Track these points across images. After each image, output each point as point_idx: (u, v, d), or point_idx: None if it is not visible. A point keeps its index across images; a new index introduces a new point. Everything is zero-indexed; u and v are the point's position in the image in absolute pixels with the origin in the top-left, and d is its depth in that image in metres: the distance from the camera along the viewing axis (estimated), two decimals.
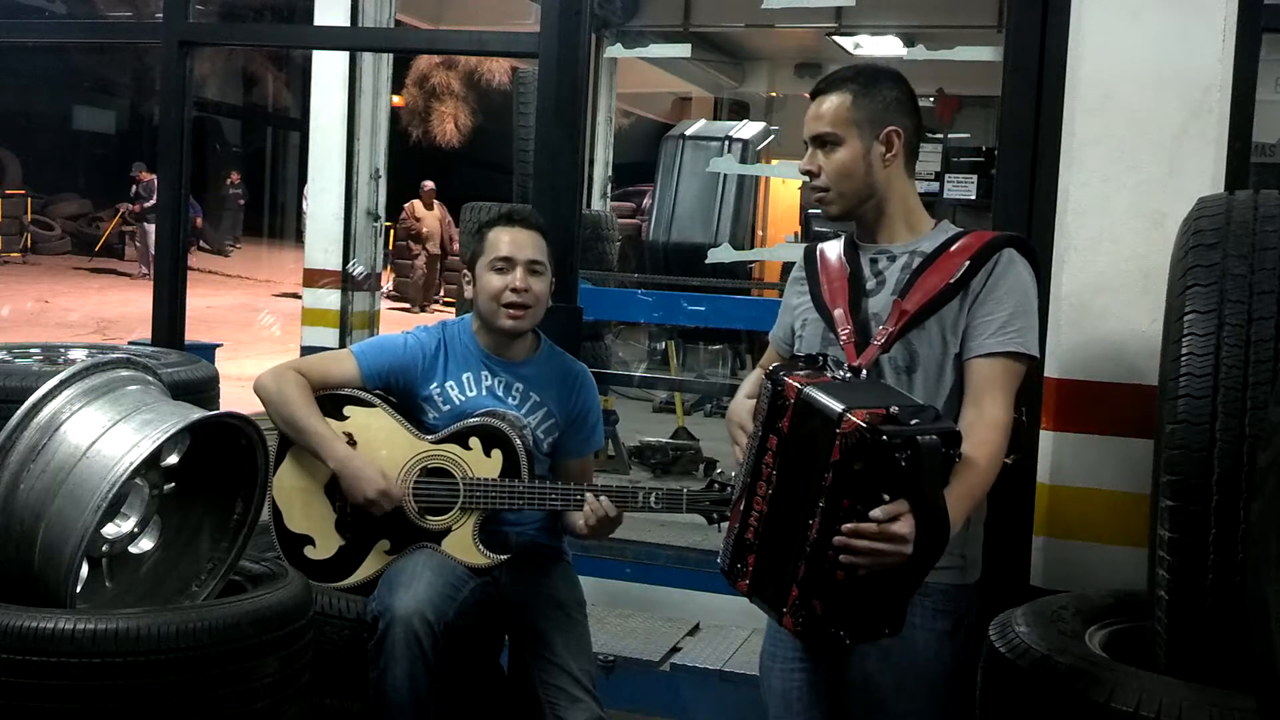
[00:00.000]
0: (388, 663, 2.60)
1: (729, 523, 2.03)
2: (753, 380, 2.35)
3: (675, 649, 3.83)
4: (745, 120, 11.01)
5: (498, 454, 2.78)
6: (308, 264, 6.54)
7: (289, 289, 16.08)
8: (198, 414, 2.44)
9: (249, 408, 2.68)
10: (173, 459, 2.47)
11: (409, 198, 16.95)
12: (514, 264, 2.81)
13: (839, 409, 1.80)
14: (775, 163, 10.70)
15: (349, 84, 6.30)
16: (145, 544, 2.52)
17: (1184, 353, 2.01)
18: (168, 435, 2.33)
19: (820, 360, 2.01)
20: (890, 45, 9.93)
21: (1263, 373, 1.95)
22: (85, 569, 2.34)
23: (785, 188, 12.03)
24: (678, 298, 5.96)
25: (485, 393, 2.88)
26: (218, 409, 3.03)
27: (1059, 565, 2.80)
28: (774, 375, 1.95)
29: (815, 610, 1.85)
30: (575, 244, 3.45)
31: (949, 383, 2.12)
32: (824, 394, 1.85)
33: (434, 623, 2.61)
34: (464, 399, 2.87)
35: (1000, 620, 2.23)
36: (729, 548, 2.00)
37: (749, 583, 1.96)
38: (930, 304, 2.11)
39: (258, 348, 11.37)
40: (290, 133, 24.20)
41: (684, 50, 9.56)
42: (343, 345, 6.12)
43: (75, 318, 14.16)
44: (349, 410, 2.84)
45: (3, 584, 2.33)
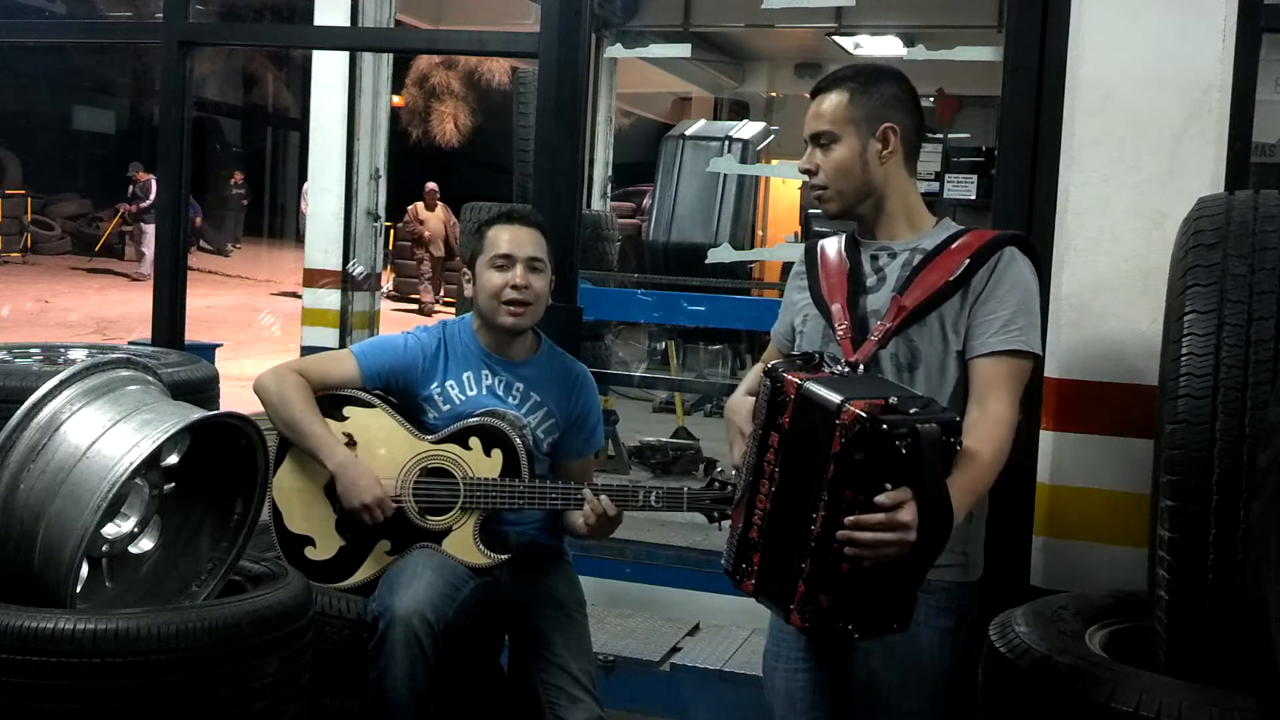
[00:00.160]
0: (388, 663, 2.60)
1: (731, 523, 2.03)
2: (753, 376, 2.35)
3: (675, 649, 3.83)
4: (745, 120, 11.02)
5: (498, 454, 2.78)
6: (308, 264, 6.54)
7: (289, 288, 16.09)
8: (198, 414, 2.44)
9: (249, 408, 2.68)
10: (173, 459, 2.47)
11: (409, 198, 16.93)
12: (514, 261, 2.81)
13: (838, 400, 1.80)
14: (775, 163, 10.71)
15: (349, 84, 6.30)
16: (145, 544, 2.52)
17: (1184, 353, 2.01)
18: (168, 435, 2.33)
19: (817, 357, 2.01)
20: (890, 45, 9.93)
21: (1263, 373, 1.95)
22: (85, 569, 2.34)
23: (785, 188, 12.03)
24: (678, 298, 5.96)
25: (485, 392, 2.88)
26: (218, 409, 3.03)
27: (1059, 565, 2.80)
28: (773, 373, 1.95)
29: (822, 605, 1.85)
30: (575, 244, 3.45)
31: (952, 380, 2.12)
32: (824, 388, 1.86)
33: (434, 623, 2.61)
34: (464, 398, 2.87)
35: (1000, 620, 2.23)
36: (733, 548, 2.00)
37: (754, 582, 1.96)
38: (929, 301, 2.11)
39: (258, 348, 11.37)
40: (290, 133, 24.20)
41: (684, 50, 9.57)
42: (343, 345, 6.13)
43: (75, 318, 14.16)
44: (349, 410, 2.84)
45: (3, 584, 2.33)
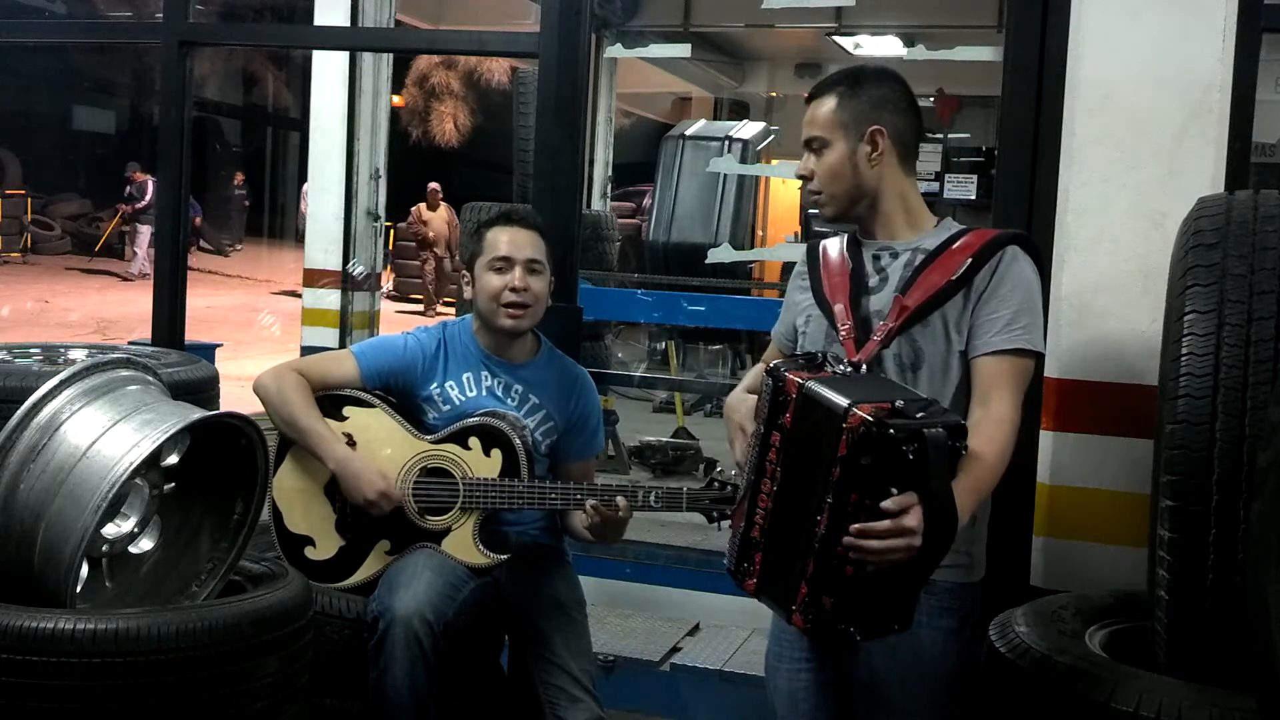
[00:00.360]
0: (388, 663, 2.60)
1: (733, 523, 2.02)
2: (753, 375, 2.35)
3: (675, 649, 3.83)
4: (745, 120, 11.02)
5: (497, 454, 2.78)
6: (308, 264, 6.54)
7: (289, 287, 16.09)
8: (198, 414, 2.44)
9: (249, 408, 2.68)
10: (173, 459, 2.47)
11: (409, 198, 16.92)
12: (513, 263, 2.81)
13: (844, 404, 1.79)
14: (775, 163, 10.71)
15: (349, 84, 6.31)
16: (145, 544, 2.52)
17: (1184, 353, 2.01)
18: (168, 435, 2.33)
19: (820, 357, 2.01)
20: (890, 45, 9.93)
21: (1263, 373, 1.95)
22: (85, 569, 2.34)
23: (785, 188, 12.04)
24: (678, 298, 5.96)
25: (485, 393, 2.88)
26: (218, 409, 3.03)
27: (1059, 565, 2.80)
28: (774, 372, 1.95)
29: (825, 607, 1.85)
30: (575, 244, 3.45)
31: (955, 380, 2.12)
32: (827, 389, 1.85)
33: (434, 623, 2.61)
34: (464, 399, 2.87)
35: (1000, 620, 2.23)
36: (735, 548, 2.00)
37: (756, 582, 1.95)
38: (931, 300, 2.11)
39: (258, 348, 11.37)
40: (290, 133, 24.20)
41: (684, 50, 9.56)
42: (343, 345, 6.13)
43: (75, 318, 14.16)
44: (348, 410, 2.84)
45: (3, 584, 2.33)
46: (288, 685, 2.40)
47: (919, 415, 1.78)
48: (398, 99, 18.01)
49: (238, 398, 3.41)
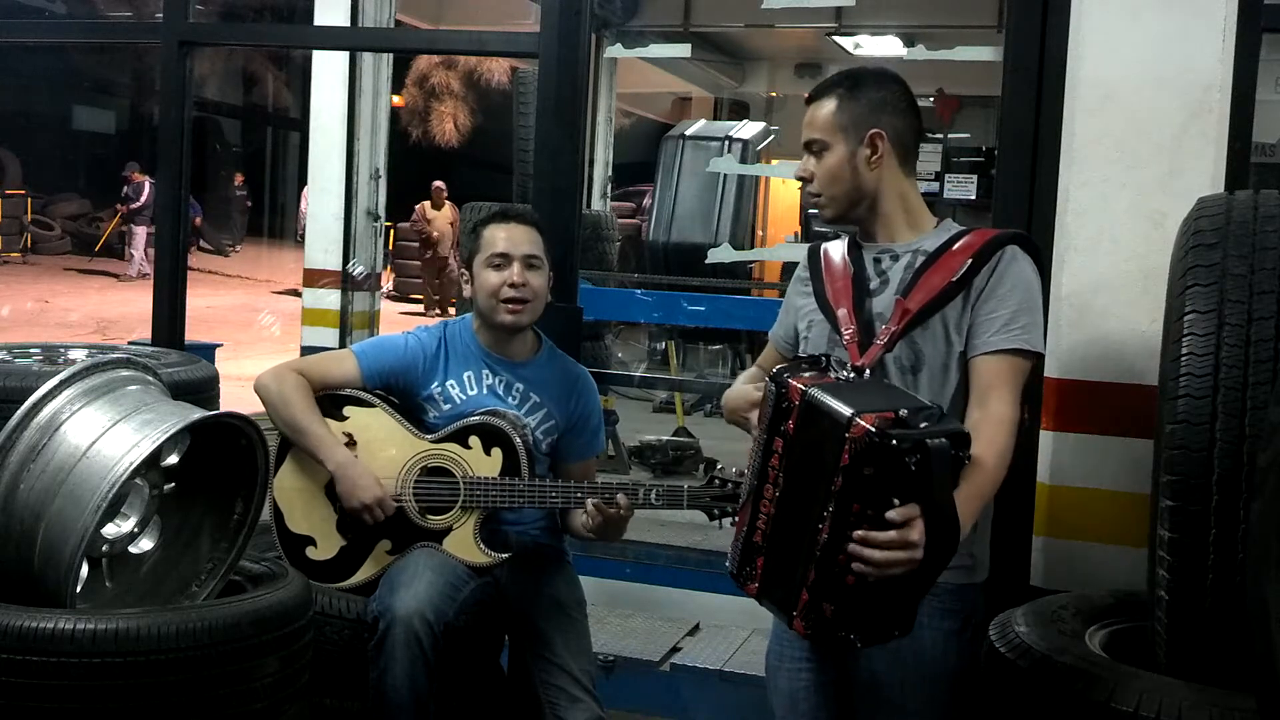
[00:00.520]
0: (388, 663, 2.60)
1: (736, 526, 2.03)
2: (749, 374, 2.36)
3: (675, 649, 3.83)
4: (745, 120, 11.03)
5: (498, 453, 2.78)
6: (308, 264, 6.55)
7: (289, 286, 16.08)
8: (198, 414, 2.44)
9: (249, 408, 2.68)
10: (173, 459, 2.47)
11: (409, 197, 16.89)
12: (510, 260, 2.81)
13: (848, 413, 1.78)
14: (775, 163, 10.71)
15: (349, 84, 6.31)
16: (145, 544, 2.52)
17: (1184, 353, 2.01)
18: (168, 435, 2.33)
19: (824, 361, 2.00)
20: (890, 45, 9.94)
21: (1263, 373, 1.95)
22: (85, 569, 2.34)
23: (785, 188, 12.04)
24: (678, 298, 5.96)
25: (486, 392, 2.88)
26: (218, 409, 3.03)
27: (1059, 565, 2.80)
28: (777, 377, 1.94)
29: (825, 613, 1.84)
30: (575, 244, 3.45)
31: (954, 381, 2.12)
32: (831, 396, 1.84)
33: (434, 623, 2.61)
34: (465, 398, 2.87)
35: (1000, 620, 2.23)
36: (737, 551, 2.00)
37: (758, 585, 1.95)
38: (933, 303, 2.11)
39: (258, 348, 11.37)
40: (290, 133, 24.20)
41: (684, 50, 9.57)
42: (343, 345, 6.13)
43: (75, 318, 14.16)
44: (349, 410, 2.84)
45: (3, 584, 2.33)
46: (288, 685, 2.40)
47: (922, 425, 1.77)
48: (398, 99, 18.01)
49: (238, 398, 3.41)
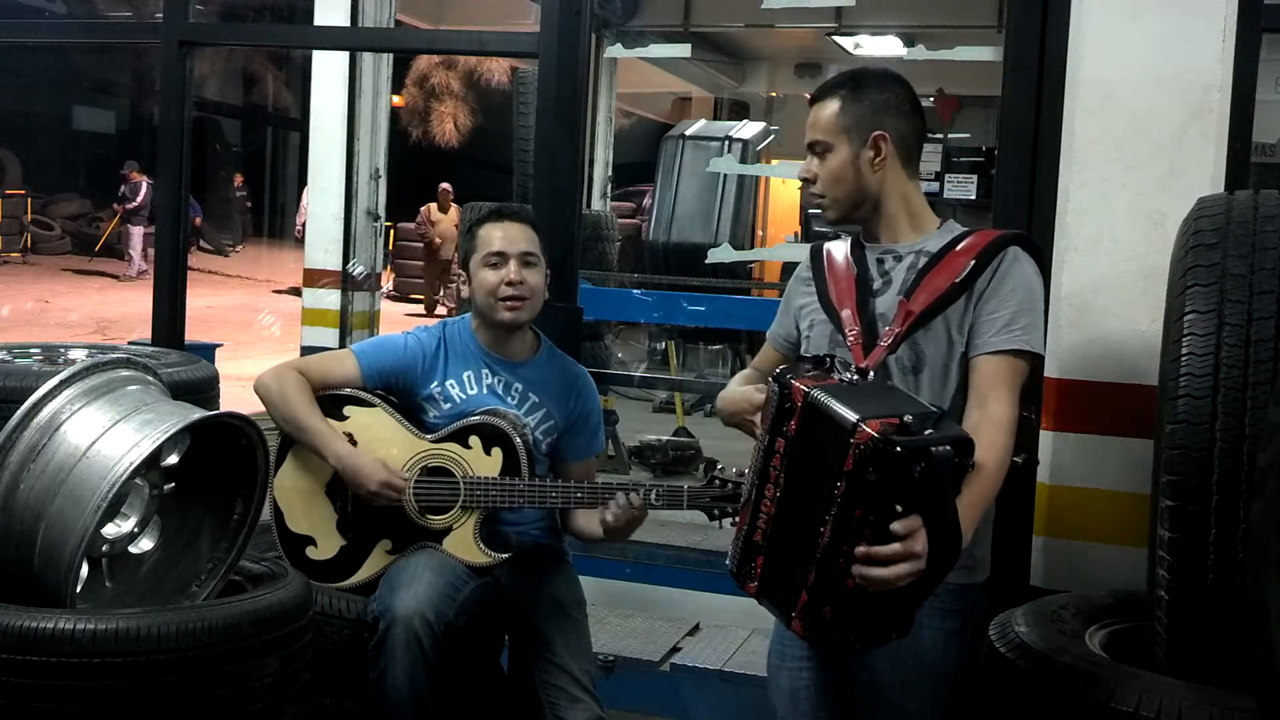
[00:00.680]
0: (388, 663, 2.60)
1: (737, 524, 2.02)
2: (743, 376, 2.35)
3: (675, 649, 3.83)
4: (745, 120, 11.02)
5: (498, 452, 2.78)
6: (308, 264, 6.55)
7: (289, 285, 16.08)
8: (198, 414, 2.44)
9: (249, 408, 2.68)
10: (173, 459, 2.47)
11: (409, 197, 16.87)
12: (507, 258, 2.82)
13: (853, 419, 1.77)
14: (775, 163, 10.72)
15: (349, 84, 6.30)
16: (145, 544, 2.52)
17: (1184, 353, 2.01)
18: (168, 435, 2.33)
19: (828, 361, 2.00)
20: (890, 45, 9.93)
21: (1263, 373, 1.95)
22: (85, 569, 2.34)
23: (785, 188, 12.05)
24: (678, 298, 5.96)
25: (485, 391, 2.88)
26: (218, 409, 3.03)
27: (1059, 565, 2.80)
28: (780, 378, 1.94)
29: (824, 616, 1.84)
30: (575, 244, 3.45)
31: (955, 382, 2.12)
32: (835, 400, 1.83)
33: (434, 623, 2.61)
34: (464, 397, 2.87)
35: (1000, 620, 2.23)
36: (737, 549, 1.99)
37: (757, 584, 1.95)
38: (936, 304, 2.10)
39: (258, 348, 11.37)
40: (290, 133, 24.21)
41: (684, 50, 9.57)
42: (343, 345, 6.13)
43: (75, 318, 14.16)
44: (349, 410, 2.84)
45: (3, 584, 2.33)
46: (288, 685, 2.40)
47: (927, 431, 1.76)
48: (398, 99, 18.00)
49: (238, 398, 3.41)
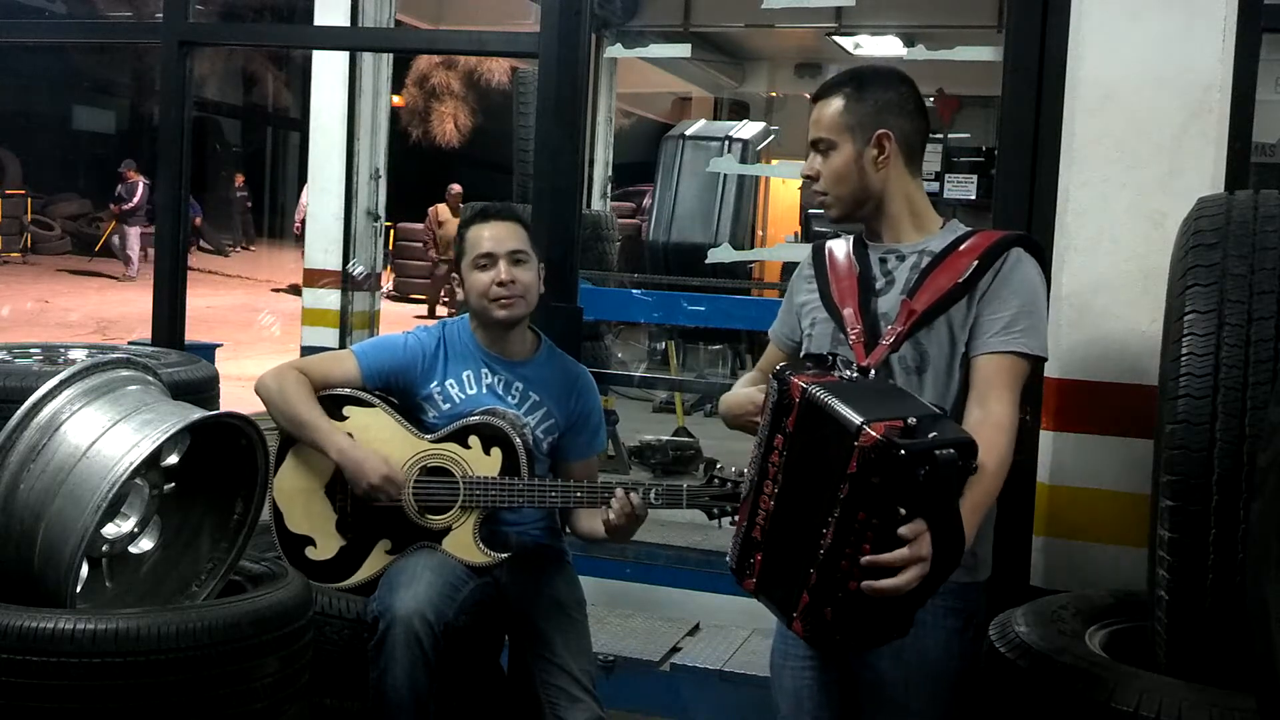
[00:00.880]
0: (388, 663, 2.60)
1: (737, 520, 2.02)
2: (747, 378, 2.36)
3: (675, 649, 3.83)
4: (745, 120, 11.04)
5: (497, 452, 2.78)
6: (308, 264, 6.55)
7: (290, 283, 16.06)
8: (198, 414, 2.44)
9: (249, 408, 2.68)
10: (173, 459, 2.47)
11: (409, 197, 16.85)
12: (495, 258, 2.82)
13: (857, 421, 1.76)
14: (775, 163, 10.73)
15: (349, 84, 6.30)
16: (145, 544, 2.52)
17: (1184, 353, 2.02)
18: (168, 435, 2.33)
19: (830, 360, 2.00)
20: (890, 45, 9.94)
21: (1263, 373, 1.95)
22: (85, 569, 2.34)
23: (785, 188, 12.05)
24: (678, 298, 5.96)
25: (485, 391, 2.88)
26: (218, 409, 3.03)
27: (1059, 565, 2.80)
28: (780, 374, 1.94)
29: (825, 617, 1.84)
30: (575, 244, 3.45)
31: (957, 382, 2.12)
32: (837, 400, 1.82)
33: (434, 623, 2.61)
34: (464, 397, 2.87)
35: (1000, 620, 2.23)
36: (736, 545, 1.99)
37: (756, 581, 1.95)
38: (939, 304, 2.10)
39: (258, 348, 11.37)
40: (290, 133, 24.21)
41: (684, 50, 9.58)
42: (343, 345, 6.13)
43: (75, 318, 14.16)
44: (349, 410, 2.84)
45: (3, 584, 2.33)
46: (288, 685, 2.40)
47: (931, 435, 1.76)
48: (398, 99, 18.00)
49: (238, 398, 3.41)
